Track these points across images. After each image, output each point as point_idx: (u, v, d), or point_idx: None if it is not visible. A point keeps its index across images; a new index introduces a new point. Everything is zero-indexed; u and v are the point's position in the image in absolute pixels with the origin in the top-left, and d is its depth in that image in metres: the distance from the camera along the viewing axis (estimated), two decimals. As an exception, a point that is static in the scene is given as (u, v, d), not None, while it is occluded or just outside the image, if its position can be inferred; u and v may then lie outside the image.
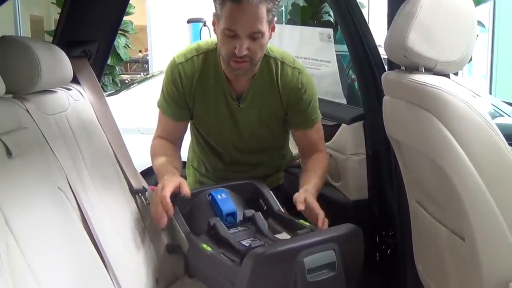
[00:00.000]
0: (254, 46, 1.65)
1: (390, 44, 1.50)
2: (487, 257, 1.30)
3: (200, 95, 1.82)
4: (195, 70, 1.80)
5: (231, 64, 1.69)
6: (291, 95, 1.83)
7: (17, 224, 1.00)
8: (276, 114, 1.87)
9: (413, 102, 1.39)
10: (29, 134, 1.27)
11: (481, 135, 1.28)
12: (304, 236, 1.45)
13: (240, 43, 1.63)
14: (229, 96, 1.82)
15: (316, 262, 1.35)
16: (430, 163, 1.40)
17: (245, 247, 1.41)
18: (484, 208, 1.29)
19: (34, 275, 0.99)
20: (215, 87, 1.81)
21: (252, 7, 1.59)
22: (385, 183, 1.99)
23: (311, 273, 1.34)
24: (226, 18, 1.62)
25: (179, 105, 1.84)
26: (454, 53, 1.37)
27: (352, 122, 2.03)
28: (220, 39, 1.68)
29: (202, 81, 1.81)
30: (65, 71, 1.58)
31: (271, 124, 1.89)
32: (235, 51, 1.64)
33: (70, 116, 1.57)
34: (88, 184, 1.47)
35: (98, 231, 1.36)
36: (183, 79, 1.80)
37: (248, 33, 1.62)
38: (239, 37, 1.63)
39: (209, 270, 1.48)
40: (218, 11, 1.65)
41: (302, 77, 1.83)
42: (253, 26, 1.62)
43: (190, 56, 1.81)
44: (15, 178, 1.10)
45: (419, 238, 1.73)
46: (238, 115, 1.85)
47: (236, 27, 1.61)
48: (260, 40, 1.66)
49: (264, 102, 1.83)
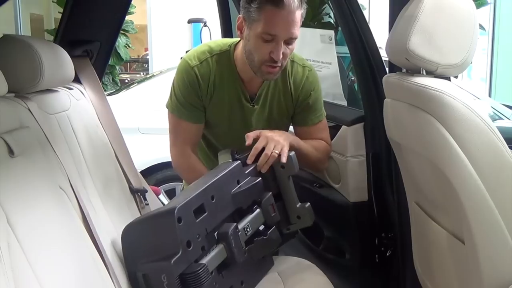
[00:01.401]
0: (287, 50, 1.68)
1: (392, 46, 1.50)
2: (487, 260, 1.30)
3: (215, 97, 1.81)
4: (211, 72, 1.79)
5: (264, 69, 1.70)
6: (302, 93, 1.86)
7: (19, 223, 1.01)
8: (287, 112, 1.90)
9: (414, 104, 1.39)
10: (31, 133, 1.27)
11: (482, 138, 1.28)
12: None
13: (277, 47, 1.64)
14: (243, 97, 1.83)
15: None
16: (431, 165, 1.40)
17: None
18: (484, 211, 1.29)
19: (35, 274, 1.00)
20: (230, 89, 1.81)
21: (291, 12, 1.62)
22: (385, 185, 1.99)
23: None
24: (267, 22, 1.62)
25: (197, 107, 1.82)
26: (456, 56, 1.38)
27: (352, 124, 2.03)
28: (254, 43, 1.67)
29: (217, 83, 1.80)
30: (67, 70, 1.58)
31: (280, 123, 1.90)
32: (271, 56, 1.65)
33: (71, 115, 1.57)
34: (88, 184, 1.47)
35: (99, 231, 1.36)
36: (200, 81, 1.78)
37: (286, 38, 1.64)
38: (276, 42, 1.64)
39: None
40: (253, 14, 1.64)
41: (311, 75, 1.87)
42: (292, 31, 1.64)
43: (204, 58, 1.79)
44: (17, 176, 1.10)
45: (419, 240, 1.74)
46: (252, 116, 1.85)
47: (277, 31, 1.63)
48: (292, 44, 1.69)
49: (276, 102, 1.86)
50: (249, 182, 1.60)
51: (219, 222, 1.48)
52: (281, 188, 1.70)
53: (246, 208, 1.58)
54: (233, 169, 1.60)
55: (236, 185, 1.58)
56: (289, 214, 1.71)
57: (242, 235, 1.51)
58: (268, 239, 1.60)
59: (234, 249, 1.44)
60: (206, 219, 1.42)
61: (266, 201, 1.62)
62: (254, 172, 1.65)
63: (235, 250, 1.44)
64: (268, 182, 1.67)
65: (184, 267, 1.31)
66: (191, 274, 1.30)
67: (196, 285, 1.31)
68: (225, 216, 1.51)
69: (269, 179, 1.68)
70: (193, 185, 1.57)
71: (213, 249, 1.42)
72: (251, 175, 1.64)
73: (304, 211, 1.70)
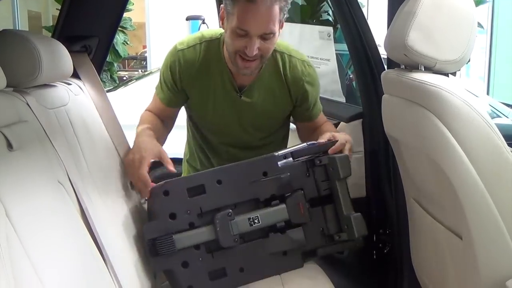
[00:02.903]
0: (264, 45, 1.64)
1: (390, 42, 1.51)
2: (484, 255, 1.31)
3: (199, 83, 1.80)
4: (197, 58, 1.78)
5: (238, 62, 1.67)
6: (300, 87, 1.82)
7: (17, 216, 1.01)
8: (283, 107, 1.86)
9: (412, 100, 1.40)
10: (30, 128, 1.27)
11: (480, 134, 1.28)
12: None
13: (251, 42, 1.61)
14: (230, 86, 1.79)
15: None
16: (429, 161, 1.40)
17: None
18: (481, 207, 1.29)
19: (33, 266, 1.00)
20: (216, 76, 1.79)
21: (266, 6, 1.57)
22: (383, 182, 2.00)
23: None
24: (238, 17, 1.59)
25: (172, 91, 1.83)
26: (454, 52, 1.38)
27: (350, 120, 2.04)
28: (229, 36, 1.65)
29: (203, 69, 1.78)
30: (66, 65, 1.58)
31: (275, 117, 1.88)
32: (244, 50, 1.62)
33: (70, 110, 1.56)
34: (87, 179, 1.47)
35: (97, 225, 1.36)
36: (182, 66, 1.78)
37: (260, 34, 1.60)
38: (250, 36, 1.60)
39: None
40: (229, 7, 1.62)
41: (311, 70, 1.84)
42: (266, 26, 1.60)
43: (192, 44, 1.79)
44: (15, 170, 1.10)
45: (416, 236, 1.74)
46: (240, 107, 1.82)
47: (249, 27, 1.59)
48: (271, 39, 1.64)
49: (270, 96, 1.82)
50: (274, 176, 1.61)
51: (223, 206, 1.57)
52: (332, 190, 1.66)
53: (263, 200, 1.60)
54: (260, 160, 1.61)
55: (261, 176, 1.60)
56: (340, 220, 1.65)
57: (243, 224, 1.56)
58: (285, 237, 1.60)
59: (219, 233, 1.54)
60: (203, 199, 1.56)
61: (292, 199, 1.61)
62: (291, 168, 1.63)
63: (219, 234, 1.54)
64: (315, 182, 1.65)
65: (158, 234, 1.53)
66: (157, 240, 1.53)
67: (159, 251, 1.52)
68: (234, 202, 1.58)
69: (317, 179, 1.65)
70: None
71: (201, 227, 1.56)
72: (285, 170, 1.62)
73: (349, 221, 1.61)
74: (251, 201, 1.61)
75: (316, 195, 1.66)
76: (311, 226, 1.64)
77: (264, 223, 1.58)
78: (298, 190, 1.63)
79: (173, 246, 1.52)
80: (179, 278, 1.56)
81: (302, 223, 1.63)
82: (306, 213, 1.62)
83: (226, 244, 1.55)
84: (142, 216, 1.71)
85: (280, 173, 1.62)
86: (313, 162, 1.65)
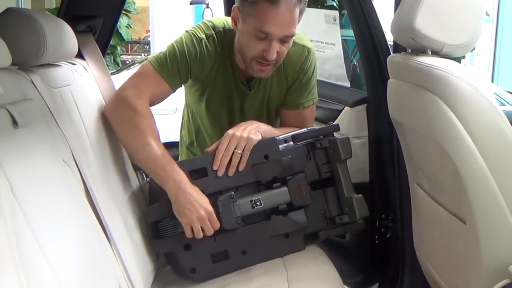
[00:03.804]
0: (282, 49, 1.59)
1: (397, 26, 1.50)
2: (487, 240, 1.31)
3: (209, 75, 1.72)
4: (212, 49, 1.68)
5: (255, 66, 1.62)
6: (296, 74, 1.77)
7: (23, 193, 1.01)
8: (280, 95, 1.81)
9: (418, 84, 1.39)
10: (35, 106, 1.27)
11: (486, 119, 1.28)
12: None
13: (271, 46, 1.56)
14: (239, 80, 1.75)
15: None
16: (434, 145, 1.40)
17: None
18: (486, 191, 1.29)
19: (39, 243, 1.00)
20: (226, 70, 1.72)
21: (289, 9, 1.52)
22: (386, 167, 2.00)
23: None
24: (260, 19, 1.53)
25: (181, 75, 1.67)
26: (462, 36, 1.37)
27: (355, 105, 2.03)
28: (247, 39, 1.59)
29: (215, 62, 1.70)
30: (70, 45, 1.57)
31: (272, 107, 1.84)
32: (263, 54, 1.57)
33: (74, 90, 1.56)
34: (91, 158, 1.47)
35: (101, 205, 1.37)
36: (199, 55, 1.66)
37: (281, 37, 1.56)
38: (270, 40, 1.55)
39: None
40: (247, 8, 1.56)
41: (311, 57, 1.77)
42: (288, 29, 1.55)
43: (210, 34, 1.69)
44: (21, 148, 1.10)
45: (419, 221, 1.74)
46: (247, 100, 1.79)
47: (271, 30, 1.53)
48: (289, 42, 1.60)
49: (270, 86, 1.78)
50: (275, 159, 1.61)
51: (225, 189, 1.57)
52: (333, 173, 1.66)
53: (265, 183, 1.61)
54: (261, 144, 1.61)
55: (262, 159, 1.60)
56: (341, 202, 1.65)
57: (245, 207, 1.56)
58: (287, 219, 1.61)
59: (221, 215, 1.53)
60: (204, 182, 1.55)
61: (294, 181, 1.62)
62: (292, 151, 1.63)
63: (222, 216, 1.53)
64: (316, 165, 1.65)
65: (161, 217, 1.53)
66: (159, 222, 1.53)
67: (162, 233, 1.53)
68: (236, 185, 1.58)
69: (318, 162, 1.65)
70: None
71: None
72: (286, 153, 1.62)
73: (350, 203, 1.62)
74: (253, 184, 1.61)
75: (317, 178, 1.66)
76: (313, 209, 1.64)
77: (266, 205, 1.59)
78: (299, 173, 1.64)
79: (176, 229, 1.52)
80: (182, 260, 1.56)
81: (304, 206, 1.63)
82: (308, 195, 1.62)
83: (228, 226, 1.55)
84: (145, 197, 1.72)
85: (281, 156, 1.62)
86: (314, 145, 1.66)
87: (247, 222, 1.59)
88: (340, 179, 1.64)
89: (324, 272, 1.60)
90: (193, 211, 1.48)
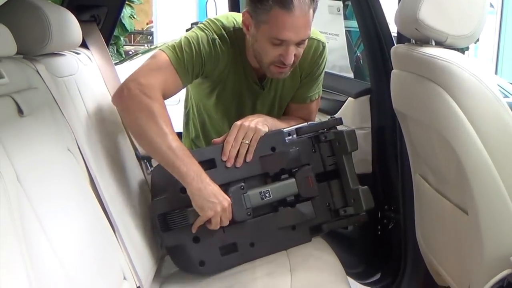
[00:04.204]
0: (299, 50, 1.58)
1: (401, 16, 1.50)
2: (489, 231, 1.31)
3: (222, 74, 1.69)
4: (228, 46, 1.65)
5: (273, 70, 1.60)
6: (310, 68, 1.76)
7: (28, 181, 1.02)
8: (292, 92, 1.80)
9: (422, 75, 1.39)
10: (40, 95, 1.27)
11: (490, 110, 1.28)
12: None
13: (288, 51, 1.54)
14: (251, 79, 1.73)
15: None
16: (437, 136, 1.40)
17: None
18: (488, 183, 1.30)
19: (44, 231, 1.01)
20: (239, 69, 1.70)
21: (303, 13, 1.49)
22: (389, 158, 2.00)
23: None
24: (274, 27, 1.50)
25: (194, 71, 1.61)
26: (465, 27, 1.37)
27: (358, 96, 2.03)
28: (262, 46, 1.57)
29: (229, 60, 1.67)
30: (75, 34, 1.58)
31: (284, 104, 1.83)
32: (280, 58, 1.56)
33: (78, 80, 1.57)
34: (95, 148, 1.48)
35: (106, 194, 1.37)
36: (220, 57, 1.63)
37: (297, 41, 1.54)
38: (286, 45, 1.54)
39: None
40: (260, 15, 1.52)
41: (325, 52, 1.77)
42: (304, 33, 1.53)
43: (228, 29, 1.65)
44: (26, 136, 1.10)
45: (422, 212, 1.75)
46: (259, 99, 1.77)
47: (287, 37, 1.51)
48: (305, 43, 1.59)
49: (282, 82, 1.76)
50: (283, 151, 1.62)
51: (233, 180, 1.56)
52: (338, 165, 1.67)
53: (273, 174, 1.61)
54: (268, 136, 1.61)
55: (269, 151, 1.61)
56: (346, 194, 1.66)
57: (255, 198, 1.56)
58: (294, 211, 1.62)
59: (232, 207, 1.51)
60: (213, 174, 1.52)
61: (301, 173, 1.62)
62: (297, 143, 1.64)
63: (233, 208, 1.52)
64: (321, 157, 1.66)
65: (169, 209, 1.51)
66: (168, 214, 1.51)
67: (171, 225, 1.51)
68: (244, 177, 1.58)
69: (323, 154, 1.66)
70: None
71: None
72: (293, 145, 1.63)
73: (356, 195, 1.63)
74: (260, 176, 1.61)
75: (322, 170, 1.67)
76: (318, 201, 1.65)
77: (275, 197, 1.59)
78: (306, 165, 1.64)
79: (186, 220, 1.50)
80: (191, 253, 1.55)
81: (311, 197, 1.64)
82: (315, 187, 1.63)
83: (239, 217, 1.54)
84: (148, 186, 1.73)
85: (288, 148, 1.62)
86: (318, 138, 1.67)
87: (255, 214, 1.59)
88: (346, 171, 1.65)
89: (327, 262, 1.61)
90: (217, 204, 1.46)
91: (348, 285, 1.51)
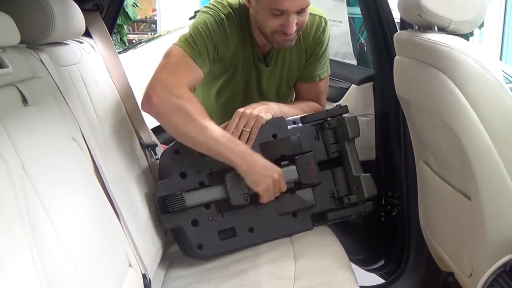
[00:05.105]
0: (301, 18, 1.59)
1: (404, 3, 1.49)
2: (492, 216, 1.32)
3: (237, 57, 1.72)
4: (236, 26, 1.67)
5: (277, 39, 1.62)
6: (314, 46, 1.78)
7: (34, 170, 1.02)
8: (299, 68, 1.81)
9: (425, 61, 1.39)
10: (44, 84, 1.28)
11: (493, 96, 1.28)
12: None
13: (288, 20, 1.56)
14: (256, 58, 1.74)
15: None
16: (440, 122, 1.40)
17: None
18: (491, 168, 1.30)
19: (50, 219, 1.02)
20: (244, 49, 1.72)
21: None
22: (392, 144, 2.00)
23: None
24: None
25: (210, 59, 1.62)
26: (468, 13, 1.37)
27: (362, 83, 2.03)
28: (263, 17, 1.59)
29: (236, 39, 1.68)
30: (78, 23, 1.58)
31: (291, 82, 1.84)
32: (282, 29, 1.58)
33: (82, 69, 1.57)
34: (100, 136, 1.49)
35: (110, 182, 1.38)
36: (230, 37, 1.65)
37: (297, 10, 1.56)
38: (287, 14, 1.56)
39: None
40: None
41: (326, 27, 1.78)
42: (302, 2, 1.55)
43: (228, 12, 1.66)
44: (31, 125, 1.11)
45: (425, 198, 1.75)
46: (263, 76, 1.78)
47: (286, 6, 1.54)
48: (306, 11, 1.60)
49: (288, 59, 1.78)
50: (283, 137, 1.62)
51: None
52: (341, 152, 1.67)
53: (273, 161, 1.61)
54: (270, 123, 1.62)
55: (270, 138, 1.62)
56: (349, 182, 1.67)
57: None
58: (294, 197, 1.63)
59: (229, 191, 1.56)
60: (213, 159, 1.56)
61: (302, 159, 1.63)
62: (300, 130, 1.65)
63: (230, 192, 1.56)
64: (325, 144, 1.67)
65: (169, 192, 1.55)
66: (167, 197, 1.55)
67: (169, 208, 1.55)
68: None
69: (326, 142, 1.67)
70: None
71: (212, 187, 1.58)
72: (294, 132, 1.64)
73: (358, 182, 1.64)
74: None
75: (325, 158, 1.67)
76: (320, 188, 1.66)
77: None
78: (307, 152, 1.64)
79: (183, 203, 1.54)
80: (189, 236, 1.58)
81: (312, 184, 1.64)
82: (316, 174, 1.63)
83: (236, 202, 1.56)
84: (153, 174, 1.74)
85: (289, 134, 1.63)
86: (322, 126, 1.67)
87: (255, 200, 1.60)
88: (348, 158, 1.65)
89: (331, 249, 1.61)
90: (269, 177, 1.54)
91: (352, 271, 1.52)
